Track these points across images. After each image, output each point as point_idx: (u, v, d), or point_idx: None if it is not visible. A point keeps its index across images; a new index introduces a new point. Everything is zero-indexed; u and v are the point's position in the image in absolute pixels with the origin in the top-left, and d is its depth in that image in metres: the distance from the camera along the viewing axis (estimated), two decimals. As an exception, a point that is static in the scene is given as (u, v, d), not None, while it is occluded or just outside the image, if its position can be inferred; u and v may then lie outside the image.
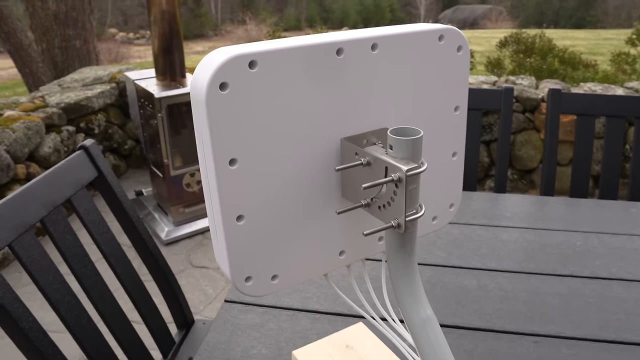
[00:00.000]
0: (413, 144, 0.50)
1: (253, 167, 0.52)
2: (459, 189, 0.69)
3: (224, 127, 0.49)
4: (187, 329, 1.29)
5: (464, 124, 0.66)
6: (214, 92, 0.47)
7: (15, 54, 4.69)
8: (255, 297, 0.62)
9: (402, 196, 0.50)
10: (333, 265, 0.62)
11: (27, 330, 0.84)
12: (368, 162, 0.53)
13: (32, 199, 0.92)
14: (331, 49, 0.52)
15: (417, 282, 0.57)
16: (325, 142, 0.55)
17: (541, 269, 1.04)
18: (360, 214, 0.60)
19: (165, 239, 2.57)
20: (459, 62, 0.62)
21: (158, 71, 2.54)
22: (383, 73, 0.57)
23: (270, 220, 0.55)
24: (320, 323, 0.89)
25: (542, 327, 0.88)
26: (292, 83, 0.51)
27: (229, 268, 0.55)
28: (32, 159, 2.64)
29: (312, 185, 0.57)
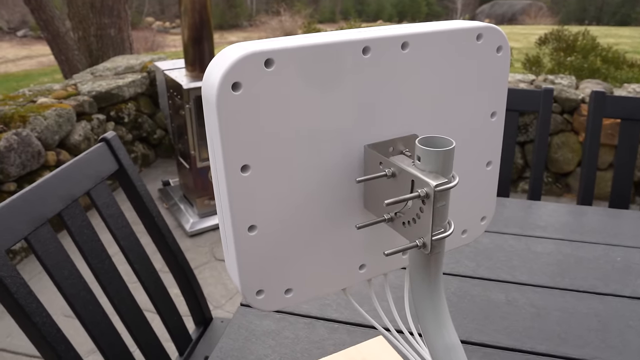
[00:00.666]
0: (444, 156, 0.45)
1: (267, 175, 0.48)
2: (492, 200, 0.64)
3: (236, 131, 0.45)
4: (204, 326, 1.26)
5: (500, 131, 0.60)
6: (225, 93, 0.43)
7: (52, 41, 4.77)
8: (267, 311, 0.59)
9: (429, 214, 0.45)
10: (352, 279, 0.58)
11: (40, 325, 0.82)
12: (393, 174, 0.49)
13: (50, 192, 0.91)
14: (357, 47, 0.47)
15: (442, 306, 0.52)
16: (348, 149, 0.51)
17: (577, 286, 0.98)
18: (382, 226, 0.56)
19: (189, 230, 2.56)
20: (498, 63, 0.56)
21: (187, 61, 2.53)
22: (414, 75, 0.51)
23: (285, 232, 0.51)
24: (338, 333, 0.84)
25: (577, 350, 0.82)
26: (313, 84, 0.47)
27: (240, 280, 0.51)
28: (63, 147, 2.67)
29: (331, 195, 0.52)
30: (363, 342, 0.77)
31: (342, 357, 0.75)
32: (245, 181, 0.47)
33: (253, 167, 0.47)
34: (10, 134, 2.32)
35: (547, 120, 1.53)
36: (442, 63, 0.53)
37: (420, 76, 0.52)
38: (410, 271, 0.51)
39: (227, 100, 0.43)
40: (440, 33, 0.51)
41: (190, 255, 2.42)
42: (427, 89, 0.53)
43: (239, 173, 0.46)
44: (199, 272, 2.30)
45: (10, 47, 10.40)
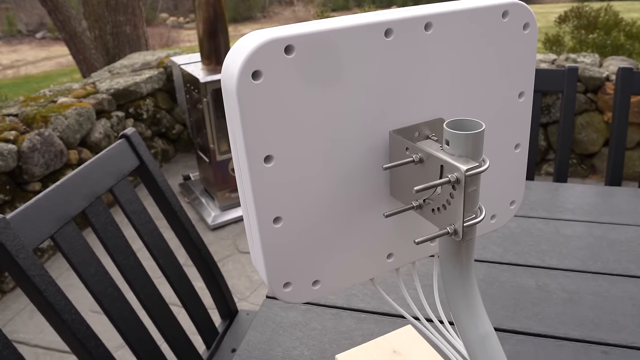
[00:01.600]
0: (473, 139, 0.43)
1: (291, 165, 0.47)
2: (521, 184, 0.62)
3: (258, 121, 0.43)
4: (230, 319, 1.27)
5: (529, 112, 0.58)
6: (246, 82, 0.42)
7: (70, 41, 4.82)
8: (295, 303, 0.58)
9: (460, 199, 0.44)
10: (380, 269, 0.57)
11: (69, 323, 0.83)
12: (420, 159, 0.47)
13: (74, 191, 0.91)
14: (379, 29, 0.46)
15: (474, 294, 0.51)
16: (372, 136, 0.49)
17: (610, 269, 0.95)
18: (410, 213, 0.55)
19: (211, 224, 2.58)
20: (526, 41, 0.54)
21: (203, 55, 2.53)
22: (438, 56, 0.50)
23: (311, 222, 0.50)
24: (365, 323, 0.84)
25: (612, 335, 0.80)
26: (334, 70, 0.45)
27: (266, 273, 0.51)
28: (84, 145, 2.70)
29: (356, 183, 0.51)
30: (392, 332, 0.76)
31: (372, 347, 0.74)
32: (268, 172, 0.46)
33: (276, 157, 0.46)
34: (33, 134, 2.35)
35: (571, 101, 1.49)
36: (467, 43, 0.51)
37: (444, 57, 0.50)
38: (441, 259, 0.50)
39: (247, 89, 0.42)
40: (464, 12, 0.49)
41: (213, 248, 2.43)
42: (452, 71, 0.51)
43: (262, 164, 0.45)
44: (222, 264, 2.32)
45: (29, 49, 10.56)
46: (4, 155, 2.21)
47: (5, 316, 2.10)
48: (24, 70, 8.92)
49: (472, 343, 0.51)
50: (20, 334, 2.00)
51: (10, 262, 0.76)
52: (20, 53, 10.13)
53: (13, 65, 9.23)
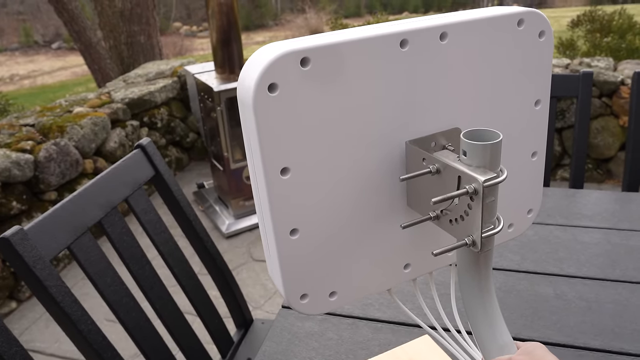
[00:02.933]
0: (491, 150, 0.43)
1: (308, 177, 0.47)
2: (538, 192, 0.61)
3: (275, 133, 0.43)
4: (245, 328, 1.27)
5: (545, 120, 0.58)
6: (262, 95, 0.42)
7: (85, 51, 4.89)
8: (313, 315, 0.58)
9: (478, 210, 0.43)
10: (397, 279, 0.57)
11: (85, 333, 0.84)
12: (437, 170, 0.47)
13: (90, 201, 0.92)
14: (394, 40, 0.46)
15: (493, 305, 0.50)
16: (389, 146, 0.49)
17: (630, 277, 0.93)
18: (427, 223, 0.54)
19: (226, 232, 2.58)
20: (541, 49, 0.54)
21: (217, 64, 2.55)
22: (454, 66, 0.49)
23: (328, 234, 0.50)
24: (382, 333, 0.83)
25: (634, 344, 0.78)
26: (350, 81, 0.45)
27: (283, 285, 0.51)
28: (99, 154, 2.72)
29: (373, 194, 0.51)
30: (409, 342, 0.75)
31: (389, 357, 0.74)
32: (285, 184, 0.46)
33: (293, 169, 0.46)
34: (50, 144, 2.38)
35: (587, 105, 1.48)
36: (483, 52, 0.50)
37: (460, 67, 0.50)
38: (459, 270, 0.50)
39: (264, 102, 0.42)
40: (479, 21, 0.49)
41: (227, 256, 2.44)
42: (467, 80, 0.51)
43: (278, 176, 0.45)
44: (237, 273, 2.32)
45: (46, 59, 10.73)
46: (20, 165, 2.24)
47: (21, 325, 2.12)
48: (40, 80, 9.06)
49: (491, 354, 0.51)
50: (36, 342, 2.02)
51: (27, 273, 0.77)
52: (37, 63, 10.29)
53: (30, 76, 9.38)
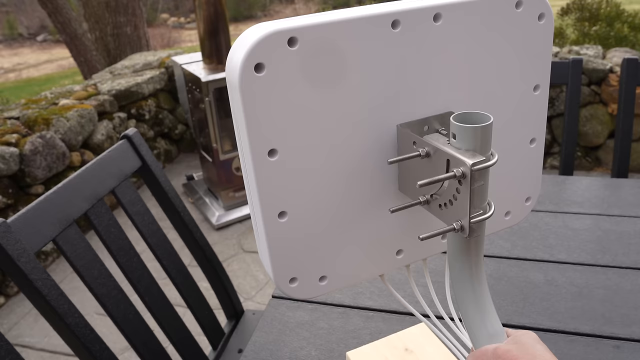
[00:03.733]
0: (481, 133, 0.42)
1: (295, 159, 0.46)
2: (537, 180, 0.60)
3: (262, 114, 0.43)
4: (236, 319, 1.26)
5: (545, 106, 0.57)
6: (248, 75, 0.41)
7: (70, 43, 4.82)
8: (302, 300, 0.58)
9: (466, 195, 0.42)
10: (390, 265, 0.56)
11: (73, 327, 0.82)
12: (427, 154, 0.46)
13: (75, 193, 0.90)
14: (385, 21, 0.45)
15: (484, 292, 0.49)
16: (379, 130, 0.48)
17: (619, 262, 0.94)
18: (420, 209, 0.53)
19: (216, 223, 2.57)
20: (541, 32, 0.52)
21: (204, 54, 2.52)
22: (448, 48, 0.48)
23: (316, 217, 0.49)
24: (373, 321, 0.82)
25: (624, 329, 0.79)
26: (339, 63, 0.44)
27: (272, 268, 0.50)
28: (86, 147, 2.69)
29: (363, 178, 0.50)
30: (404, 330, 0.75)
31: (383, 344, 0.73)
32: (272, 166, 0.45)
33: (280, 151, 0.45)
34: (35, 137, 2.35)
35: (576, 93, 1.48)
36: (479, 35, 0.49)
37: (455, 50, 0.49)
38: (449, 256, 0.49)
39: (250, 82, 0.41)
40: (475, 2, 0.48)
41: (217, 248, 2.43)
42: (463, 63, 0.50)
43: (266, 158, 0.45)
44: (228, 264, 2.31)
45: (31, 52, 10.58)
46: (5, 159, 2.21)
47: (10, 320, 2.09)
48: (26, 74, 8.94)
49: (480, 342, 0.50)
50: (25, 337, 2.00)
51: (11, 267, 0.76)
52: (22, 56, 10.14)
53: (15, 69, 9.24)
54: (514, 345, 0.46)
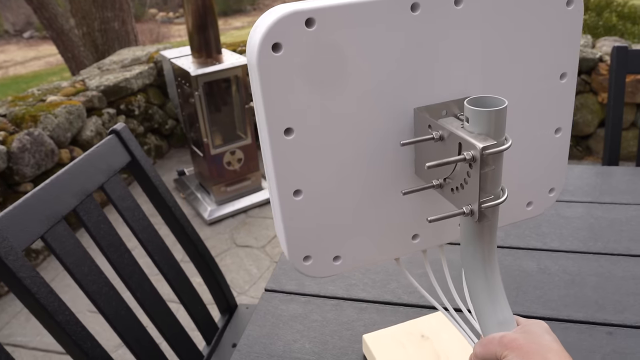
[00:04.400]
0: (495, 117, 0.41)
1: (311, 138, 0.46)
2: (562, 170, 0.59)
3: (278, 93, 0.43)
4: (230, 314, 1.25)
5: (572, 94, 0.55)
6: (266, 54, 0.42)
7: (57, 39, 4.76)
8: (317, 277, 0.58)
9: (476, 178, 0.42)
10: (405, 249, 0.56)
11: (63, 324, 0.81)
12: (441, 137, 0.45)
13: (63, 189, 0.89)
14: (405, 4, 0.44)
15: (495, 279, 0.49)
16: (397, 113, 0.48)
17: (612, 249, 0.94)
18: (437, 194, 0.53)
19: (208, 218, 2.56)
20: (569, 18, 0.50)
21: (193, 48, 2.50)
22: (469, 32, 0.47)
23: (331, 197, 0.50)
24: (367, 313, 0.82)
25: (616, 315, 0.79)
26: (357, 44, 0.44)
27: (286, 246, 0.51)
28: (75, 143, 2.66)
29: (379, 160, 0.50)
30: (421, 317, 0.75)
31: (400, 330, 0.73)
32: (288, 145, 0.46)
33: (297, 130, 0.45)
34: (23, 134, 2.32)
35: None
36: (502, 20, 0.48)
37: (477, 34, 0.47)
38: (462, 241, 0.49)
39: (267, 61, 0.42)
40: None
41: (210, 243, 2.42)
42: (485, 48, 0.48)
43: (282, 136, 0.45)
44: (220, 259, 2.30)
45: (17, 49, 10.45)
46: (-6, 157, 2.18)
47: (1, 319, 2.08)
48: (13, 71, 8.83)
49: (489, 330, 0.50)
50: (17, 337, 1.98)
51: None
52: (8, 54, 10.02)
53: (1, 66, 9.13)
54: (521, 335, 0.46)
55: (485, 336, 0.49)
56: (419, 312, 0.81)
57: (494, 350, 0.46)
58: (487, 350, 0.47)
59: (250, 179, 2.72)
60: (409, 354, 0.70)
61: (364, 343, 0.73)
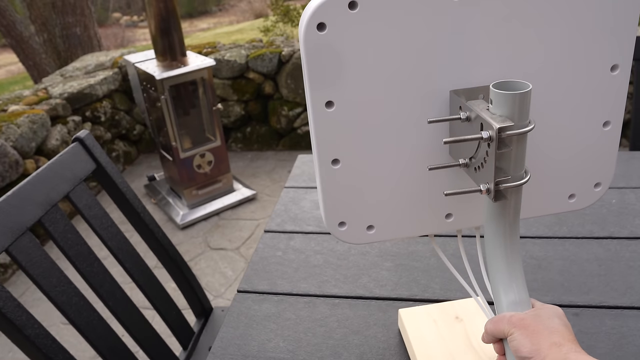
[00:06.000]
0: (519, 100, 0.43)
1: (350, 112, 0.50)
2: (609, 166, 0.57)
3: (321, 69, 0.47)
4: (205, 318, 1.24)
5: (624, 87, 0.53)
6: (311, 32, 0.45)
7: (17, 47, 4.64)
8: (351, 244, 0.62)
9: (492, 158, 0.44)
10: (438, 227, 0.58)
11: (33, 338, 0.80)
12: (468, 118, 0.47)
13: (27, 200, 0.87)
14: None
15: (515, 260, 0.50)
16: (434, 94, 0.50)
17: (576, 232, 0.97)
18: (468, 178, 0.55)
19: (180, 223, 2.53)
20: (622, 6, 0.49)
21: (157, 52, 2.46)
22: (515, 18, 0.47)
23: (367, 168, 0.53)
24: (340, 308, 0.83)
25: (582, 297, 0.81)
26: (398, 27, 0.46)
27: (324, 211, 0.54)
28: (41, 153, 2.60)
29: (415, 137, 0.52)
30: (458, 300, 0.77)
31: (435, 309, 0.75)
32: (329, 116, 0.49)
33: (337, 103, 0.49)
34: (-15, 146, 2.25)
35: None
36: (550, 5, 0.48)
37: (523, 20, 0.48)
38: (486, 220, 0.50)
39: (312, 39, 0.46)
40: None
41: (184, 247, 2.39)
42: (530, 35, 0.48)
43: (323, 108, 0.49)
44: (195, 263, 2.28)
45: (-24, 58, 10.12)
46: (-45, 171, 2.11)
47: (-28, 337, 2.02)
48: (-28, 81, 8.55)
49: (503, 309, 0.51)
50: (-11, 353, 1.93)
51: (-38, 280, 0.72)
52: (-33, 63, 9.70)
53: (-40, 77, 8.84)
54: (530, 316, 0.47)
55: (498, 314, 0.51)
56: (392, 305, 0.82)
57: (502, 328, 0.48)
58: (496, 327, 0.49)
59: (222, 181, 2.70)
60: (441, 332, 0.71)
61: (400, 317, 0.76)
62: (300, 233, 1.02)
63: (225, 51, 3.16)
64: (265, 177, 2.97)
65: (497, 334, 0.49)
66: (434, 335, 0.71)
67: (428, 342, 0.70)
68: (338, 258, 0.94)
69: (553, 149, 0.54)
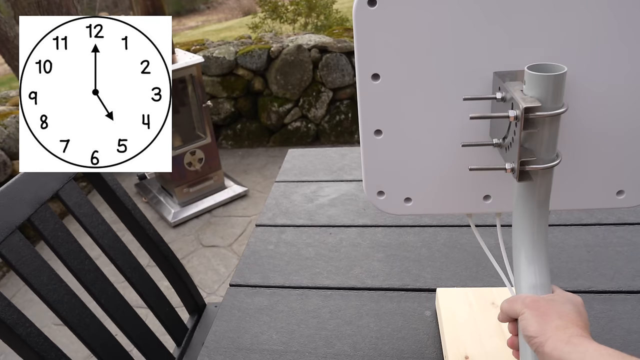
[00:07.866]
0: (552, 82, 0.43)
1: (395, 85, 0.51)
2: None
3: (369, 42, 0.49)
4: (198, 314, 1.25)
5: None
6: (362, 7, 0.47)
7: (2, 47, 4.58)
8: (390, 214, 0.64)
9: (518, 137, 0.45)
10: (476, 207, 0.58)
11: (24, 337, 0.80)
12: (503, 98, 0.48)
13: (15, 199, 0.87)
14: None
15: (541, 243, 0.50)
16: (478, 72, 0.51)
17: (564, 219, 0.98)
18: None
19: (172, 221, 2.53)
20: None
21: (146, 50, 2.45)
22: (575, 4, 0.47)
23: (408, 141, 0.54)
24: (332, 300, 0.83)
25: (571, 282, 0.82)
26: (448, 4, 0.47)
27: (364, 179, 0.56)
28: (30, 154, 2.58)
29: (455, 116, 0.53)
30: (498, 287, 0.77)
31: (472, 293, 0.76)
32: (374, 88, 0.51)
33: (383, 75, 0.50)
34: (-28, 148, 2.24)
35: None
36: None
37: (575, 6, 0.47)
38: (514, 201, 0.50)
39: (363, 13, 0.48)
40: None
41: (176, 245, 2.39)
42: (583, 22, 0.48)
43: (369, 80, 0.50)
44: (188, 260, 2.28)
45: (-39, 60, 10.00)
46: (-58, 173, 2.10)
47: (-36, 340, 2.00)
48: (-42, 84, 8.46)
49: (522, 290, 0.51)
50: (-18, 356, 1.92)
51: (-48, 280, 0.72)
52: (-48, 66, 9.59)
53: (-55, 79, 8.73)
54: (544, 299, 0.48)
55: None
56: (383, 295, 0.83)
57: (515, 308, 0.49)
58: (510, 307, 0.49)
59: (213, 178, 2.69)
60: (474, 316, 0.72)
61: (437, 297, 0.77)
62: (292, 226, 1.02)
63: (214, 48, 3.15)
64: (257, 174, 2.97)
65: (510, 314, 0.50)
66: (466, 316, 0.72)
67: (459, 322, 0.71)
68: (330, 250, 0.94)
69: (606, 141, 0.53)
